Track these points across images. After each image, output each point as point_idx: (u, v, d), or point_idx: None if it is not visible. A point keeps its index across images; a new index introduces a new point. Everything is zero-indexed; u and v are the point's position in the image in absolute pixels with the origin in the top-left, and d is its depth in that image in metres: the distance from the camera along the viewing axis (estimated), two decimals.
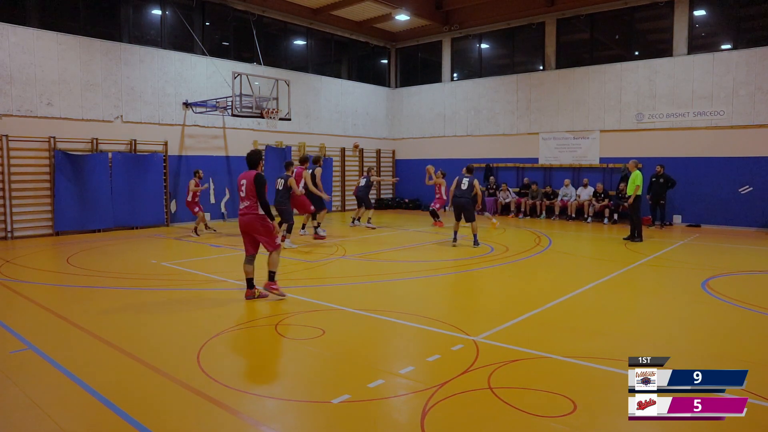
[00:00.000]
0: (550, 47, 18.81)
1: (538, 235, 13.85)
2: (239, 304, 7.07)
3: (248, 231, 6.92)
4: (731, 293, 7.46)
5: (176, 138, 15.87)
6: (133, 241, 12.61)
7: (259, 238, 6.91)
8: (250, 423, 3.73)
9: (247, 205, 6.84)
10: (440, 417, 3.77)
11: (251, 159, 7.00)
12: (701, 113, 15.78)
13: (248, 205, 6.83)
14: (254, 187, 6.74)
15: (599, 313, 6.67)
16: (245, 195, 6.84)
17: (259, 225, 6.82)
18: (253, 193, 6.76)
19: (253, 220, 6.82)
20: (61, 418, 3.78)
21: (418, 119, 22.39)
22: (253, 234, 6.91)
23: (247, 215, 6.85)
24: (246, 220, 6.86)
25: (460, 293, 7.87)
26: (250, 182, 6.77)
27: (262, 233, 6.86)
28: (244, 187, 6.84)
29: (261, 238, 6.90)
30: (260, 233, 6.87)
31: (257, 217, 6.80)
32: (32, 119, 13.13)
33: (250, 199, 6.81)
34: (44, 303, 6.91)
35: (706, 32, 16.41)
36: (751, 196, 15.13)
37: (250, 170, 6.93)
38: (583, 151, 18.09)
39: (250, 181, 6.78)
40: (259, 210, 6.80)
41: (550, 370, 4.67)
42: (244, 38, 17.77)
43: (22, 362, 4.88)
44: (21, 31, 12.96)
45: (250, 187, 6.77)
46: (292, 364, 4.94)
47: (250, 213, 6.82)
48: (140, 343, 5.43)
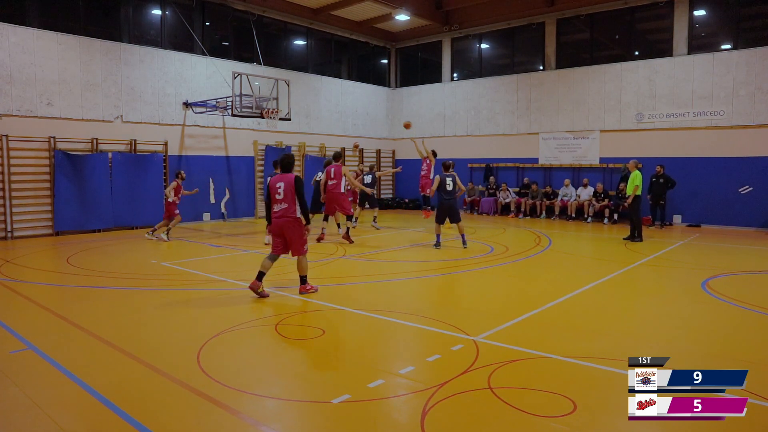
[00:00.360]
0: (550, 47, 18.81)
1: (538, 235, 13.85)
2: (239, 304, 7.07)
3: (282, 233, 7.06)
4: (731, 293, 7.46)
5: (176, 138, 15.88)
6: (133, 241, 12.61)
7: (291, 240, 7.05)
8: (250, 423, 3.73)
9: (285, 208, 6.98)
10: (440, 417, 3.77)
11: (287, 162, 7.17)
12: (701, 113, 15.78)
13: (285, 208, 6.97)
14: (294, 189, 6.90)
15: (599, 313, 6.67)
16: (283, 198, 6.95)
17: (294, 228, 7.01)
18: (293, 196, 6.91)
19: (289, 223, 6.98)
20: (61, 418, 3.78)
21: (418, 119, 22.37)
22: (286, 236, 7.04)
23: (283, 218, 7.00)
24: (282, 222, 7.01)
25: (460, 293, 7.87)
26: (290, 185, 6.92)
27: (294, 237, 7.03)
28: (282, 189, 6.95)
29: (292, 240, 7.05)
30: (293, 236, 7.03)
31: (294, 221, 6.98)
32: (32, 119, 13.14)
33: (288, 202, 6.95)
34: (44, 303, 6.91)
35: (706, 32, 16.42)
36: (751, 196, 15.13)
37: (285, 173, 7.08)
38: (583, 151, 18.09)
39: (289, 184, 6.93)
40: (296, 213, 6.97)
41: (550, 370, 4.67)
42: (244, 38, 17.77)
43: (22, 362, 4.88)
44: (21, 31, 12.96)
45: (290, 190, 6.92)
46: (292, 364, 4.94)
47: (287, 216, 6.98)
48: (140, 343, 5.43)
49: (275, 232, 7.11)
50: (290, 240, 7.05)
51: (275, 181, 7.05)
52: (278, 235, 7.09)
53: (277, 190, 7.00)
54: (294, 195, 6.92)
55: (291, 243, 7.07)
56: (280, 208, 7.00)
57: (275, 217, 7.05)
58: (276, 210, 7.04)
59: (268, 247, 11.48)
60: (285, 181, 6.96)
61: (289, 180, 6.95)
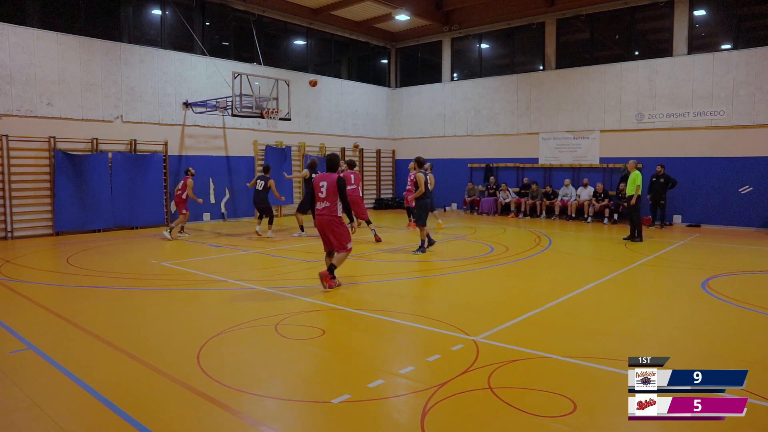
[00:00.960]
0: (550, 47, 18.81)
1: (538, 235, 13.85)
2: (239, 304, 7.07)
3: (324, 231, 7.30)
4: (731, 293, 7.46)
5: (176, 138, 15.88)
6: (133, 241, 12.61)
7: (332, 237, 7.26)
8: (250, 423, 3.73)
9: (327, 206, 7.20)
10: (440, 417, 3.77)
11: (332, 162, 7.40)
12: (701, 113, 15.78)
13: (328, 206, 7.20)
14: (337, 189, 7.11)
15: (599, 313, 6.67)
16: (325, 196, 7.18)
17: (336, 226, 7.25)
18: (335, 195, 7.13)
19: (331, 222, 7.22)
20: (61, 418, 3.78)
21: (418, 119, 22.39)
22: (328, 234, 7.29)
23: (325, 216, 7.23)
24: (324, 220, 7.25)
25: (459, 293, 7.87)
26: (333, 184, 7.15)
27: (336, 234, 7.25)
28: (324, 188, 7.17)
29: (333, 238, 7.26)
30: (335, 233, 7.25)
31: (335, 219, 7.22)
32: (32, 119, 13.14)
33: (331, 201, 7.17)
34: (44, 303, 6.91)
35: (706, 32, 16.42)
36: (751, 196, 15.13)
37: (329, 173, 7.30)
38: (583, 151, 18.09)
39: (332, 184, 7.15)
40: (338, 212, 7.22)
41: (550, 370, 4.67)
42: (244, 38, 17.77)
43: (22, 362, 4.88)
44: (21, 31, 12.96)
45: (332, 189, 7.14)
46: (292, 364, 4.94)
47: (329, 215, 7.21)
48: (140, 343, 5.43)
49: (319, 229, 7.36)
50: (332, 237, 7.25)
51: (319, 180, 7.26)
52: (322, 232, 7.35)
53: (320, 189, 7.20)
54: (336, 194, 7.13)
55: (333, 240, 7.27)
56: (322, 206, 7.23)
57: (318, 215, 7.28)
58: (319, 208, 7.27)
59: (268, 246, 11.50)
60: (328, 181, 7.17)
61: (332, 180, 7.16)
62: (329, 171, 7.34)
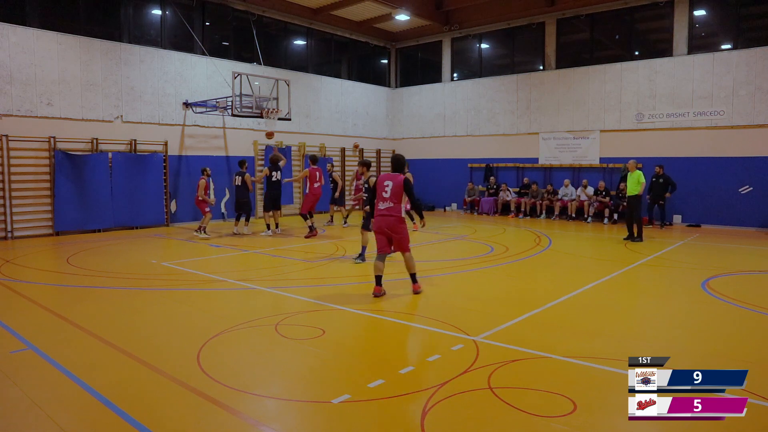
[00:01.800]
0: (550, 47, 18.80)
1: (538, 235, 13.85)
2: (239, 304, 7.08)
3: (387, 231, 7.15)
4: (731, 293, 7.46)
5: (176, 138, 15.87)
6: (133, 241, 12.61)
7: (396, 238, 7.15)
8: (250, 423, 3.73)
9: (390, 206, 7.10)
10: (440, 417, 3.77)
11: (398, 162, 7.33)
12: (701, 113, 15.77)
13: (391, 206, 7.10)
14: (403, 189, 7.06)
15: (599, 313, 6.67)
16: (389, 196, 7.09)
17: (399, 226, 7.13)
18: (400, 195, 7.07)
19: (395, 222, 7.11)
20: (61, 418, 3.78)
21: (418, 119, 22.39)
22: (391, 234, 7.14)
23: (389, 216, 7.10)
24: (389, 221, 7.11)
25: (459, 293, 7.86)
26: (399, 185, 7.06)
27: (400, 234, 7.15)
28: (389, 188, 7.08)
29: (397, 238, 7.15)
30: (398, 234, 7.14)
31: (399, 219, 7.13)
32: (32, 119, 13.13)
33: (395, 201, 7.09)
34: (44, 303, 6.91)
35: (706, 32, 16.42)
36: (751, 196, 15.13)
37: (394, 173, 7.22)
38: (583, 151, 18.09)
39: (398, 184, 7.06)
40: (401, 212, 7.14)
41: (550, 370, 4.67)
42: (244, 38, 17.77)
43: (22, 362, 4.88)
44: (21, 31, 12.96)
45: (398, 189, 7.06)
46: (292, 364, 4.94)
47: (393, 215, 7.10)
48: (140, 343, 5.43)
49: (379, 230, 7.18)
50: (396, 238, 7.15)
51: (383, 179, 7.19)
52: (382, 232, 7.16)
53: (384, 188, 7.12)
54: (401, 195, 7.07)
55: (397, 241, 7.17)
56: (385, 206, 7.12)
57: (380, 215, 7.16)
58: (381, 208, 7.15)
59: (267, 246, 11.50)
60: (394, 181, 7.08)
61: (398, 180, 7.07)
62: (395, 171, 7.27)
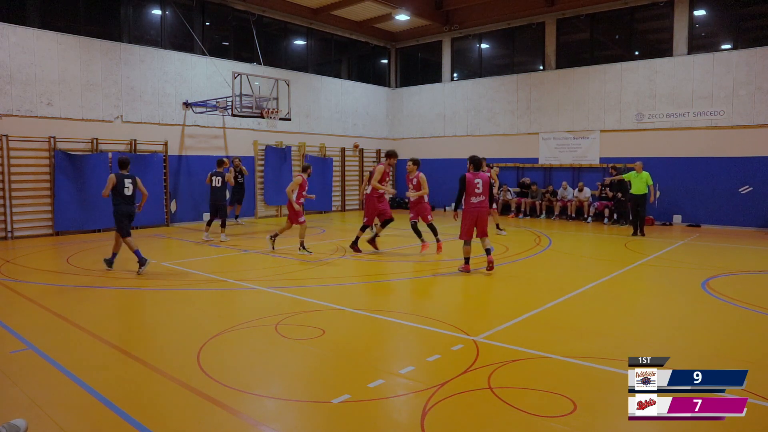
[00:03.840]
0: (550, 47, 18.80)
1: (538, 235, 13.85)
2: (239, 304, 7.08)
3: (480, 220, 8.72)
4: (731, 293, 7.46)
5: (176, 138, 15.87)
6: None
7: (483, 225, 8.78)
8: (250, 423, 3.73)
9: (482, 200, 8.73)
10: (440, 417, 3.77)
11: (478, 162, 8.84)
12: (701, 113, 15.77)
13: (483, 200, 8.74)
14: (489, 186, 8.87)
15: (599, 313, 6.67)
16: (481, 191, 8.69)
17: (487, 216, 8.98)
18: (488, 191, 8.81)
19: (485, 212, 8.83)
20: (61, 418, 3.78)
21: (418, 119, 22.39)
22: (482, 222, 8.74)
23: (482, 208, 8.75)
24: (482, 211, 8.77)
25: (459, 293, 7.87)
26: (486, 182, 8.75)
27: (486, 223, 8.86)
28: (480, 185, 8.67)
29: (484, 225, 8.79)
30: (485, 222, 8.83)
31: (488, 210, 8.96)
32: (32, 119, 13.13)
33: (486, 195, 8.73)
34: (44, 303, 6.90)
35: (706, 32, 16.41)
36: (751, 196, 15.13)
37: (478, 171, 8.74)
38: (583, 151, 18.09)
39: (486, 182, 8.73)
40: (490, 205, 9.15)
41: (550, 370, 4.67)
42: (244, 38, 17.77)
43: (22, 362, 4.87)
44: (21, 31, 12.95)
45: (486, 186, 8.76)
46: (292, 364, 4.94)
47: (484, 207, 8.78)
48: (140, 343, 5.43)
49: (474, 219, 8.69)
50: (483, 225, 8.73)
51: (473, 178, 8.65)
52: (476, 221, 8.70)
53: (476, 185, 8.65)
54: (489, 190, 8.81)
55: (483, 227, 8.74)
56: (477, 200, 8.71)
57: (473, 207, 8.68)
58: (474, 201, 8.70)
59: (267, 246, 11.49)
60: (482, 179, 8.69)
61: (485, 178, 8.73)
62: (477, 170, 8.71)
